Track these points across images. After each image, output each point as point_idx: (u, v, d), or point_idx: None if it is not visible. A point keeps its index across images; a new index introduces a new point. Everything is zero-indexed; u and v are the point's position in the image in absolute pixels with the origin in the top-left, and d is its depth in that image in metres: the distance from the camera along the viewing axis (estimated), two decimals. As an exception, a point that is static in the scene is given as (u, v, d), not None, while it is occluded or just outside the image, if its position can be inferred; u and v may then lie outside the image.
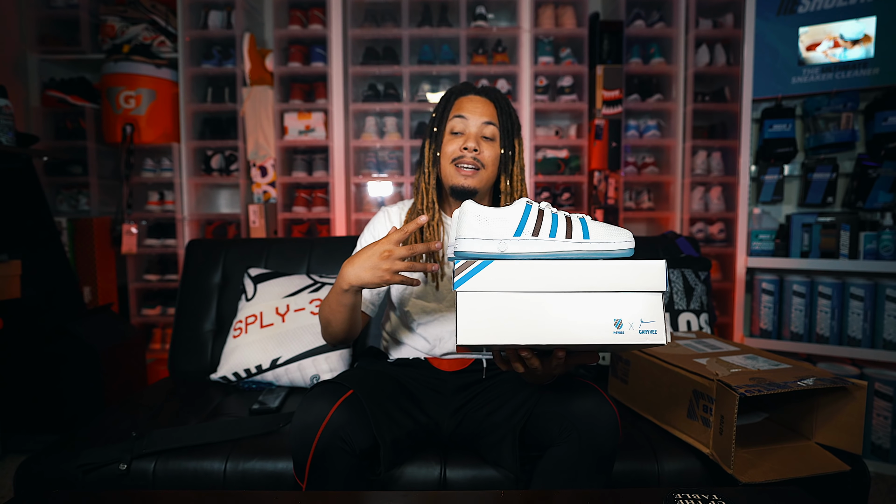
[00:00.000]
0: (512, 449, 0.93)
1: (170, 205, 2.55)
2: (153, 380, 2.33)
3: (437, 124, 1.10)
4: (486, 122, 1.07)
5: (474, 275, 0.72)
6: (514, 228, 0.75)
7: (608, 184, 2.45)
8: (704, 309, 1.55)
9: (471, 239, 0.75)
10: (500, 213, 0.76)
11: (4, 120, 1.77)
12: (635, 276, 0.72)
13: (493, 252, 0.75)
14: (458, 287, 0.72)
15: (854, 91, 1.99)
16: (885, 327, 1.87)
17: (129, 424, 1.17)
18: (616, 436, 0.87)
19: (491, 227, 0.75)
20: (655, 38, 2.49)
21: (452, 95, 1.11)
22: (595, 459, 0.86)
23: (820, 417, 1.07)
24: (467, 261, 0.73)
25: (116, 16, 2.46)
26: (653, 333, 0.71)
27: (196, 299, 1.58)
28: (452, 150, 1.07)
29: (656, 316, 0.71)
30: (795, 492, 0.77)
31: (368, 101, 2.54)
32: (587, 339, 0.71)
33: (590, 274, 0.72)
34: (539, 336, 0.72)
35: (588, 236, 0.75)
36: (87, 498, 0.81)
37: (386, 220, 1.17)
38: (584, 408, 0.87)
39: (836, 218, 1.97)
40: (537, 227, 0.75)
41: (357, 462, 0.87)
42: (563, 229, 0.75)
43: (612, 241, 0.74)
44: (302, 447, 0.85)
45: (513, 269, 0.72)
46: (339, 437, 0.84)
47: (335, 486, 0.86)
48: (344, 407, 0.87)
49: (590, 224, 0.76)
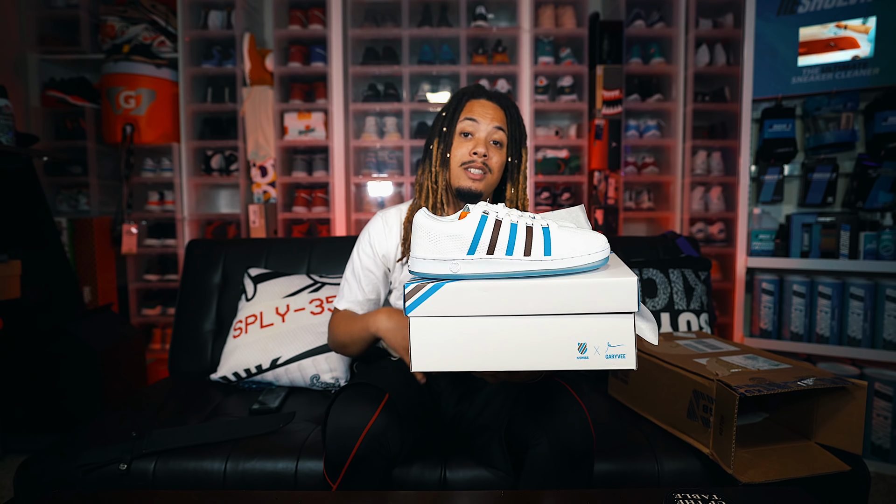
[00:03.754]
0: (500, 449, 0.95)
1: (170, 205, 2.55)
2: (153, 380, 2.33)
3: (448, 124, 1.08)
4: (497, 128, 1.06)
5: (426, 298, 0.67)
6: (468, 246, 0.68)
7: (608, 184, 2.45)
8: (704, 309, 1.55)
9: (422, 259, 0.69)
10: (451, 228, 0.69)
11: (4, 120, 1.77)
12: (603, 297, 0.65)
13: (444, 273, 0.69)
14: (410, 312, 0.67)
15: (854, 91, 1.99)
16: (885, 327, 1.87)
17: (129, 424, 1.17)
18: (588, 435, 0.87)
19: (441, 245, 0.68)
20: (655, 38, 2.49)
21: (465, 97, 1.09)
22: (569, 459, 0.87)
23: (820, 417, 1.07)
24: (419, 283, 0.68)
25: (116, 16, 2.46)
26: (620, 358, 0.66)
27: (196, 299, 1.58)
28: (462, 154, 1.06)
29: (625, 339, 0.66)
30: (795, 492, 0.77)
31: (368, 101, 2.53)
32: (548, 364, 0.67)
33: (551, 296, 0.66)
34: (497, 362, 0.68)
35: (549, 252, 0.67)
36: (87, 498, 0.81)
37: (383, 225, 1.14)
38: (553, 410, 0.88)
39: (836, 218, 1.97)
40: (492, 244, 0.68)
41: (389, 465, 0.89)
42: (522, 245, 0.68)
43: (576, 257, 0.67)
44: (340, 450, 0.85)
45: (467, 292, 0.67)
46: (379, 443, 0.86)
47: (370, 487, 0.88)
48: (384, 413, 0.88)
49: (553, 236, 0.69)
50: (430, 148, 1.11)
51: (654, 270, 1.55)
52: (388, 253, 1.13)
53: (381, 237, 1.13)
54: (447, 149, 1.07)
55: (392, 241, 1.13)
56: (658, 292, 1.52)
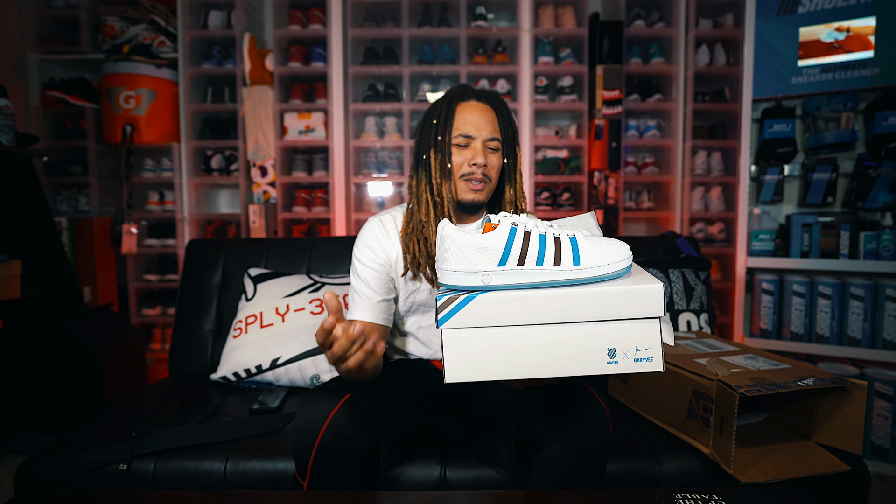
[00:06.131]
0: (507, 448, 0.94)
1: (170, 205, 2.55)
2: (153, 380, 2.33)
3: (442, 132, 1.03)
4: (491, 132, 1.03)
5: (459, 310, 0.68)
6: (498, 258, 0.69)
7: (608, 184, 2.45)
8: (704, 309, 1.55)
9: (452, 271, 0.70)
10: (481, 240, 0.69)
11: (4, 120, 1.77)
12: (631, 304, 0.67)
13: (476, 284, 0.69)
14: (443, 325, 0.68)
15: (854, 91, 1.99)
16: (885, 327, 1.87)
17: (129, 424, 1.17)
18: (607, 435, 0.87)
19: (472, 257, 0.69)
20: (655, 38, 2.49)
21: (453, 100, 1.05)
22: (586, 458, 0.86)
23: (820, 417, 1.07)
24: (451, 295, 0.68)
25: (116, 16, 2.46)
26: (648, 361, 0.68)
27: (196, 299, 1.58)
28: (460, 164, 1.02)
29: (653, 343, 0.68)
30: (795, 492, 0.77)
31: (368, 101, 2.54)
32: (579, 370, 0.69)
33: (581, 304, 0.68)
34: (529, 370, 0.69)
35: (578, 261, 0.69)
36: (87, 498, 0.81)
37: (381, 229, 1.08)
38: (573, 408, 0.88)
39: (836, 218, 1.97)
40: (523, 255, 0.69)
41: (359, 461, 0.87)
42: (552, 255, 0.69)
43: (604, 265, 0.69)
44: (304, 446, 0.85)
45: (499, 303, 0.68)
46: (342, 435, 0.85)
47: (337, 485, 0.86)
48: (346, 407, 0.87)
49: (580, 245, 0.70)
50: (424, 158, 1.05)
51: (654, 270, 1.55)
52: (391, 259, 1.07)
53: (382, 241, 1.07)
54: (446, 158, 1.03)
55: (394, 248, 1.07)
56: (658, 292, 1.52)
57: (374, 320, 1.04)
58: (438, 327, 0.68)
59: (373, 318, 1.04)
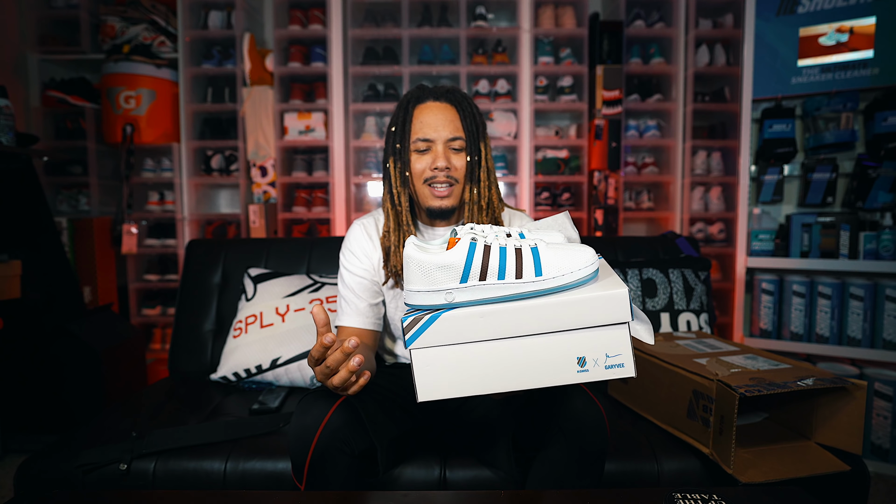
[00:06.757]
0: (506, 450, 0.94)
1: (170, 205, 2.55)
2: (153, 380, 2.33)
3: (400, 140, 1.01)
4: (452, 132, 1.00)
5: (425, 329, 0.68)
6: (460, 275, 0.68)
7: (608, 184, 2.45)
8: (704, 309, 1.55)
9: (416, 291, 0.70)
10: (442, 259, 0.69)
11: (4, 120, 1.77)
12: (596, 311, 0.67)
13: (440, 303, 0.69)
14: (410, 345, 0.68)
15: (854, 91, 1.99)
16: (885, 327, 1.87)
17: (129, 424, 1.17)
18: (604, 435, 0.87)
19: (434, 276, 0.69)
20: (655, 38, 2.49)
21: (410, 104, 1.02)
22: (583, 459, 0.86)
23: (820, 417, 1.07)
24: (416, 315, 0.69)
25: (116, 16, 2.46)
26: (620, 368, 0.68)
27: (196, 299, 1.59)
28: (422, 169, 1.00)
29: (623, 349, 0.68)
30: (795, 492, 0.77)
31: (368, 101, 2.54)
32: (550, 381, 0.69)
33: (546, 314, 0.67)
34: (499, 384, 0.69)
35: (540, 272, 0.68)
36: (87, 498, 0.81)
37: (364, 234, 1.08)
38: (570, 409, 0.88)
39: (836, 218, 1.97)
40: (484, 270, 0.68)
41: (356, 463, 0.87)
42: (513, 268, 0.69)
43: (567, 273, 0.68)
44: (301, 448, 0.85)
45: (464, 319, 0.68)
46: (338, 437, 0.84)
47: (334, 486, 0.86)
48: (342, 409, 0.87)
49: (542, 254, 0.69)
50: (386, 167, 1.03)
51: (654, 270, 1.55)
52: (374, 265, 1.06)
53: (365, 247, 1.07)
54: (405, 167, 1.01)
55: (376, 254, 1.06)
56: (658, 292, 1.53)
57: (363, 325, 1.05)
58: (406, 348, 0.68)
59: (361, 323, 1.05)
